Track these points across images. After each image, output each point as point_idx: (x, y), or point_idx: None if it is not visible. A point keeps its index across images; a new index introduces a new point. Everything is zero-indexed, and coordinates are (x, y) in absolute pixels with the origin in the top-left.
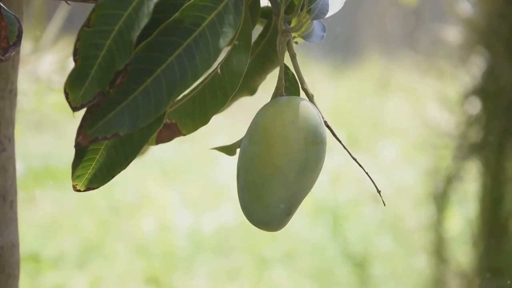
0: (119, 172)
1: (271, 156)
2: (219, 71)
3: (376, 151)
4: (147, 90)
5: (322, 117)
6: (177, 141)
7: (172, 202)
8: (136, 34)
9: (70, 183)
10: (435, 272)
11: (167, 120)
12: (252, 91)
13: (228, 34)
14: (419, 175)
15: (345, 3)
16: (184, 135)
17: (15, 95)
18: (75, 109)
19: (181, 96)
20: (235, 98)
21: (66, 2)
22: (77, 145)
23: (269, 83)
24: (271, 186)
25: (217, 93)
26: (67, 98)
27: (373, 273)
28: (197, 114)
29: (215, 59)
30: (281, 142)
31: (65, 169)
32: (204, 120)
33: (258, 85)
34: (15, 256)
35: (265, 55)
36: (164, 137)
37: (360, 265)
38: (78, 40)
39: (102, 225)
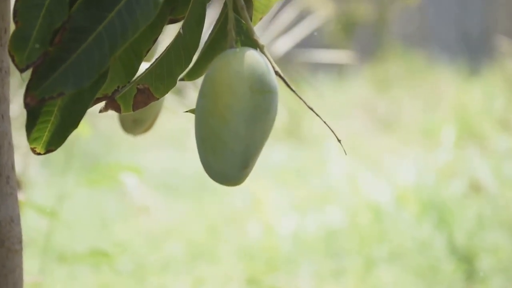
0: (72, 131)
1: (219, 108)
2: (181, 31)
3: (487, 145)
4: (89, 47)
5: (273, 67)
6: (291, 147)
7: (281, 205)
8: None
9: (183, 191)
10: None
11: (140, 85)
12: None
13: None
14: None
15: (475, 4)
16: (157, 98)
17: (6, 73)
18: (22, 70)
19: (153, 60)
20: (210, 60)
21: None
22: (26, 106)
23: None
24: (223, 138)
25: (181, 52)
26: (13, 60)
27: (480, 268)
28: (166, 76)
29: (155, 12)
30: (227, 93)
31: (178, 183)
32: (172, 81)
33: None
34: (15, 231)
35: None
36: (140, 102)
37: (467, 261)
38: (17, 1)
39: (210, 230)
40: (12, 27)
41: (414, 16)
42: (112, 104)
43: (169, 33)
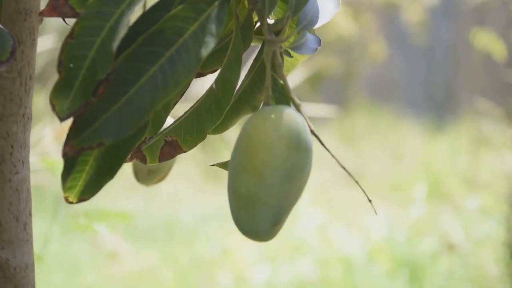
0: (107, 182)
1: (255, 164)
2: (214, 86)
3: (459, 204)
4: (130, 100)
5: (309, 126)
6: None
7: (251, 256)
8: (116, 44)
9: (153, 237)
10: None
11: (168, 137)
12: (254, 108)
13: (209, 44)
14: (500, 225)
15: (441, 63)
16: (185, 151)
17: (29, 119)
18: (62, 119)
19: (182, 113)
20: (237, 115)
21: (64, 21)
22: (65, 155)
23: None
24: (257, 194)
25: (212, 107)
26: (53, 109)
27: None
28: (195, 130)
29: (196, 68)
30: (264, 149)
31: (150, 227)
32: (202, 135)
33: (260, 102)
34: (29, 278)
35: (264, 71)
36: (166, 154)
37: None
38: (62, 52)
39: (179, 278)
40: (37, 73)
41: (381, 71)
42: (138, 154)
43: None
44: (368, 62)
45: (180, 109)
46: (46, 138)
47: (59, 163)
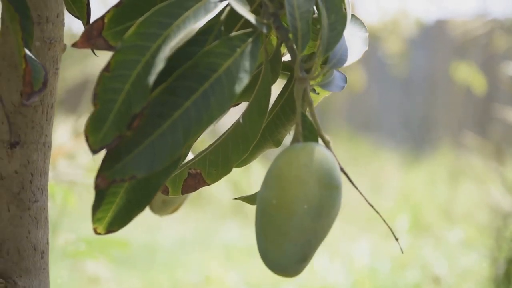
0: (137, 215)
1: (285, 199)
2: (241, 120)
3: (440, 235)
4: (163, 133)
5: (339, 163)
6: (243, 226)
7: (234, 284)
8: (152, 78)
9: (134, 263)
10: None
11: (192, 169)
12: (277, 143)
13: (243, 80)
14: (483, 258)
15: (419, 94)
16: (209, 184)
17: (49, 148)
18: (94, 152)
19: (207, 146)
20: (260, 149)
21: (93, 52)
22: (96, 187)
23: None
24: (287, 230)
25: (239, 140)
26: (87, 141)
27: None
28: (220, 163)
29: (230, 104)
30: (295, 185)
31: (131, 253)
32: (227, 169)
33: (283, 137)
34: None
35: (289, 106)
36: (190, 187)
37: None
38: (97, 84)
39: None
40: (58, 101)
41: (360, 101)
42: None
43: None
44: (347, 92)
45: None
46: None
47: (57, 188)
